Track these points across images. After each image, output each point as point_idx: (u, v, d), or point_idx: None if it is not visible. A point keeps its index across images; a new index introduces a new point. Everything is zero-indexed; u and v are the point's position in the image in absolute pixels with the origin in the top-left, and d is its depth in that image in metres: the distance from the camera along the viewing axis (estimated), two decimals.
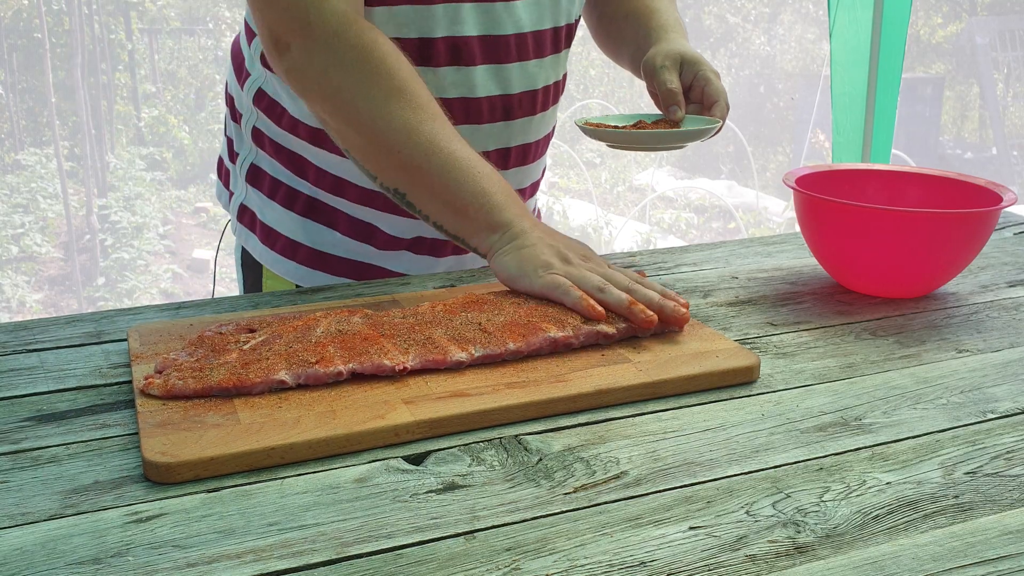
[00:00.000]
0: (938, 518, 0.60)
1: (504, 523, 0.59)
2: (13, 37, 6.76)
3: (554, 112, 1.18)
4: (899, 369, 0.82)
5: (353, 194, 1.09)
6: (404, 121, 0.90)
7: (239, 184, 1.16)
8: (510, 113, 1.08)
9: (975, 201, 1.02)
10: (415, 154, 0.90)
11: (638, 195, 6.73)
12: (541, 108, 1.12)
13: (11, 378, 0.78)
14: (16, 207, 6.13)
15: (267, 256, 1.14)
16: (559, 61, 1.13)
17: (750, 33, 8.07)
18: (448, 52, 1.02)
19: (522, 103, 1.09)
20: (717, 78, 1.11)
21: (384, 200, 1.08)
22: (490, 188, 0.90)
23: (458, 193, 0.90)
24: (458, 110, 1.04)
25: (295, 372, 0.72)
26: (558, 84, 1.16)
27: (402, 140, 0.90)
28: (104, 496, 0.61)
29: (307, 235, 1.11)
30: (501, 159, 1.11)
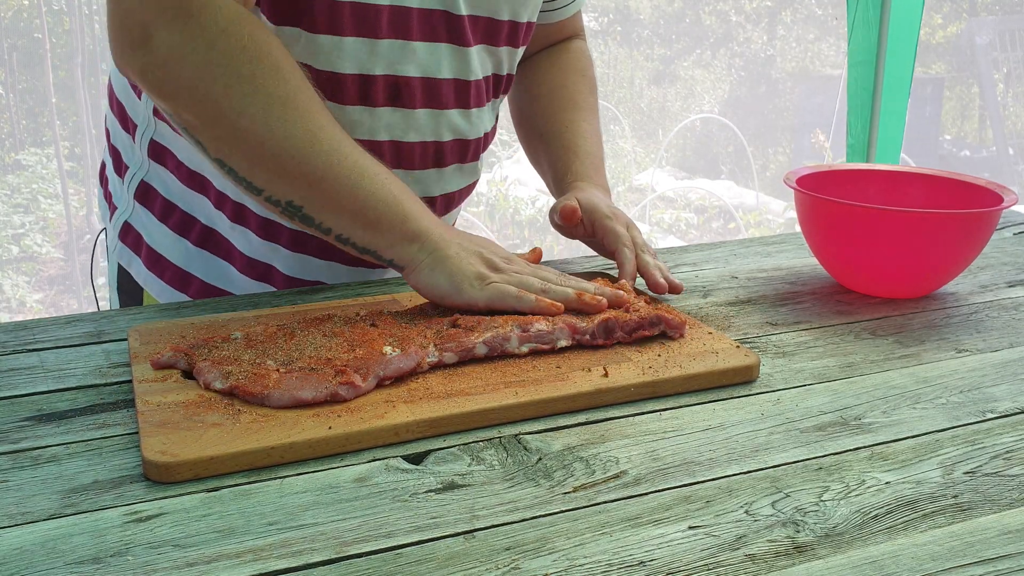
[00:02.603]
0: (937, 518, 0.60)
1: (503, 523, 0.59)
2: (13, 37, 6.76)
3: (481, 162, 1.12)
4: (899, 369, 0.82)
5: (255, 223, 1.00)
6: (303, 128, 0.81)
7: (124, 199, 1.07)
8: (441, 160, 1.03)
9: (975, 201, 1.02)
10: (316, 163, 0.82)
11: (638, 195, 6.73)
12: (472, 158, 1.08)
13: (11, 378, 0.78)
14: (16, 207, 6.13)
15: (153, 284, 1.06)
16: (493, 109, 1.09)
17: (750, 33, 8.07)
18: (387, 92, 0.96)
19: (453, 151, 1.04)
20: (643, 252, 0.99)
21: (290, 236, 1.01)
22: (401, 195, 0.85)
23: (368, 202, 0.83)
24: (389, 153, 0.99)
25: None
26: (488, 135, 1.10)
27: (301, 148, 0.81)
28: (104, 496, 0.61)
29: (201, 267, 1.04)
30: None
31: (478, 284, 0.83)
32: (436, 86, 0.98)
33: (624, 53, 7.94)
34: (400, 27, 0.93)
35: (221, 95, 0.80)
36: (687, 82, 7.98)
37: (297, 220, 0.85)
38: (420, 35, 0.95)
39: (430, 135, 1.00)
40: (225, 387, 0.71)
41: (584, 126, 1.13)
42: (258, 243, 1.02)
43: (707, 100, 8.00)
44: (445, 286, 0.83)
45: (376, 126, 0.97)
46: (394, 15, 0.92)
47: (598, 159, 1.11)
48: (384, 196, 0.84)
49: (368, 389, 0.72)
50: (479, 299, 0.82)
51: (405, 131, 0.98)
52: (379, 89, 0.95)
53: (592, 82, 1.20)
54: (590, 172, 1.08)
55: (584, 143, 1.11)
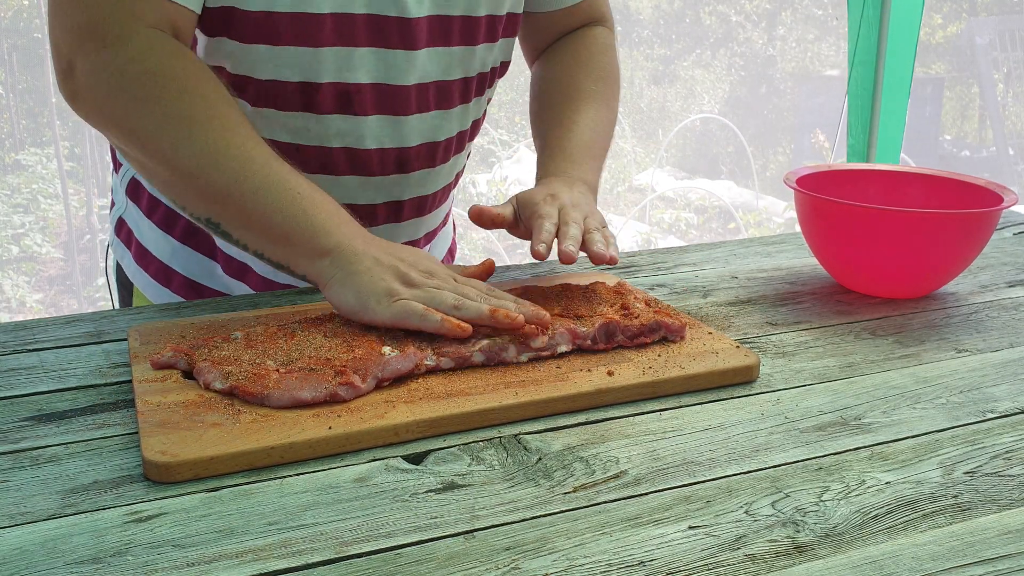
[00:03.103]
0: (937, 518, 0.60)
1: (503, 523, 0.59)
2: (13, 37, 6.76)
3: (459, 160, 1.11)
4: (899, 369, 0.82)
5: None
6: (210, 145, 0.82)
7: (120, 195, 1.10)
8: (406, 166, 1.01)
9: (975, 201, 1.02)
10: (222, 180, 0.82)
11: (638, 195, 6.73)
12: (442, 160, 1.05)
13: (11, 378, 0.78)
14: (16, 207, 6.13)
15: (140, 278, 1.07)
16: (467, 112, 1.06)
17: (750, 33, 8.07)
18: (335, 99, 0.95)
19: (420, 156, 1.02)
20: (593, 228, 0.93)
21: None
22: (312, 209, 0.82)
23: (275, 218, 0.82)
24: (342, 160, 0.98)
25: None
26: (464, 134, 1.07)
27: (206, 166, 0.82)
28: (104, 496, 0.61)
29: (183, 263, 1.05)
30: (393, 212, 1.05)
31: (386, 301, 0.78)
32: (391, 92, 0.96)
33: (624, 53, 7.93)
34: (345, 35, 0.92)
35: (133, 119, 0.83)
36: (687, 82, 7.98)
37: (218, 235, 0.85)
38: (368, 41, 0.93)
39: (389, 142, 0.99)
40: (225, 387, 0.71)
41: (576, 117, 1.06)
42: None
43: (707, 100, 8.00)
44: (352, 302, 0.79)
45: (326, 133, 0.96)
46: (337, 23, 0.91)
47: (581, 149, 1.04)
48: (293, 211, 0.82)
49: (367, 390, 0.72)
50: (384, 317, 0.78)
51: (360, 138, 0.97)
52: (326, 97, 0.94)
53: (602, 69, 1.12)
54: (564, 166, 1.01)
55: (569, 135, 1.05)
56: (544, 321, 0.79)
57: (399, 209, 1.05)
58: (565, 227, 0.89)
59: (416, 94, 0.98)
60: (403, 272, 0.80)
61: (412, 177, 1.03)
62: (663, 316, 0.83)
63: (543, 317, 0.79)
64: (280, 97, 0.94)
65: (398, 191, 1.03)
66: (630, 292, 0.88)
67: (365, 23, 0.93)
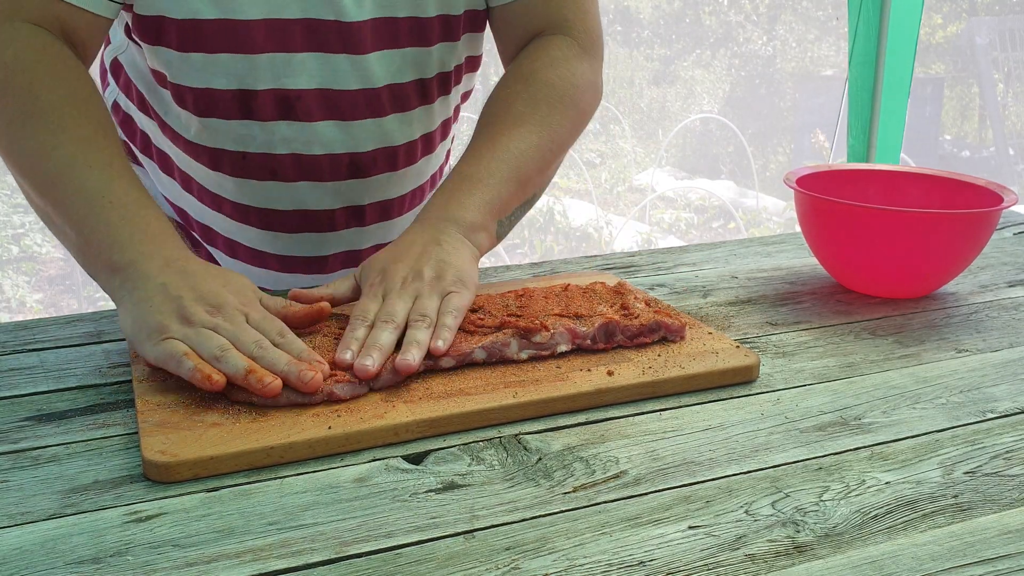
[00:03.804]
0: (937, 518, 0.60)
1: (503, 522, 0.59)
2: None
3: (431, 161, 1.08)
4: (898, 369, 0.82)
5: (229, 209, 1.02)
6: (39, 144, 0.80)
7: None
8: (362, 171, 0.99)
9: (975, 201, 1.02)
10: (41, 180, 0.80)
11: (638, 195, 6.72)
12: (406, 163, 1.02)
13: (11, 378, 0.78)
14: (16, 207, 6.12)
15: None
16: (431, 113, 1.02)
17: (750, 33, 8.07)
18: (276, 106, 0.93)
19: (377, 160, 0.99)
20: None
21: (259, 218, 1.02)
22: (117, 221, 0.77)
23: (79, 226, 0.78)
24: (291, 166, 0.97)
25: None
26: (431, 136, 1.04)
27: (32, 164, 0.80)
28: (104, 495, 0.61)
29: None
30: (354, 217, 1.03)
31: (155, 337, 0.71)
32: (338, 97, 0.95)
33: (624, 53, 7.93)
34: (280, 40, 0.91)
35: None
36: (687, 82, 7.97)
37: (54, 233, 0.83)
38: (307, 47, 0.92)
39: (340, 147, 0.97)
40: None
41: (488, 144, 0.92)
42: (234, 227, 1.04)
43: (707, 100, 8.00)
44: (129, 333, 0.73)
45: (271, 140, 0.95)
46: (271, 29, 0.90)
47: (473, 182, 0.89)
48: (95, 221, 0.77)
49: (364, 391, 0.72)
50: (150, 356, 0.71)
51: (307, 144, 0.96)
52: (265, 104, 0.93)
53: (543, 87, 0.96)
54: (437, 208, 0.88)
55: (470, 165, 0.91)
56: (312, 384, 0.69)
57: (360, 214, 1.04)
58: (373, 332, 0.75)
59: (366, 98, 0.96)
60: (184, 306, 0.72)
61: (372, 181, 1.01)
62: (663, 316, 0.83)
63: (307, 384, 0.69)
64: (219, 106, 0.93)
65: (357, 196, 1.01)
66: (630, 292, 0.88)
67: (301, 28, 0.91)
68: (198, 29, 0.89)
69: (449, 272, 0.81)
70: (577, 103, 0.99)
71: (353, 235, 1.05)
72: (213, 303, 0.74)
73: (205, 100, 0.93)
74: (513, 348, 0.78)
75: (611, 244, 5.70)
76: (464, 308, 0.79)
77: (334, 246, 1.06)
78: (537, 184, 0.95)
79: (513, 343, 0.78)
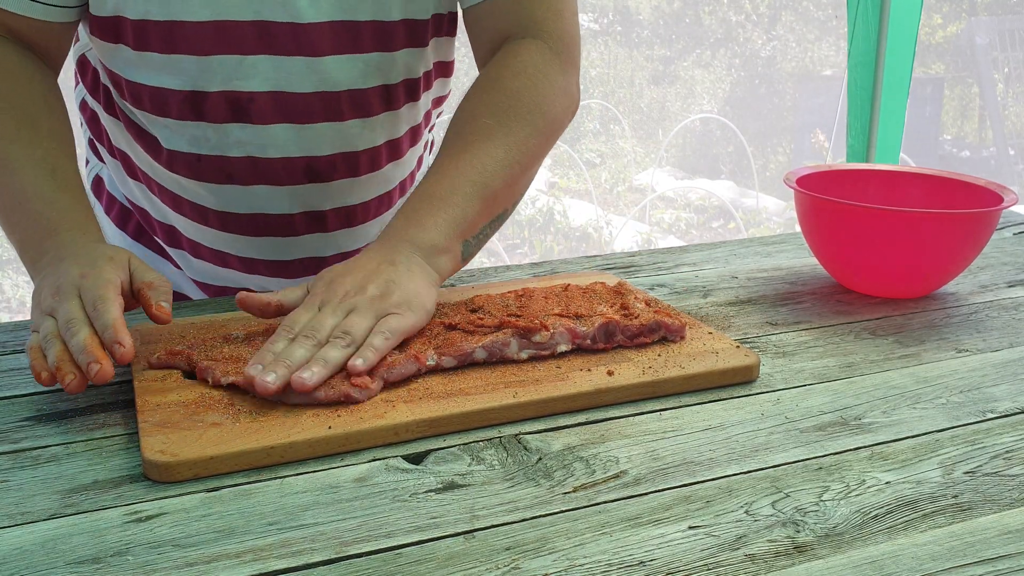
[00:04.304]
0: (937, 518, 0.60)
1: (503, 522, 0.59)
2: None
3: (399, 168, 1.05)
4: (899, 369, 0.82)
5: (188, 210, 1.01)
6: None
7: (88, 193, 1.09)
8: (320, 175, 0.97)
9: (975, 201, 1.02)
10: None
11: (638, 195, 6.72)
12: (369, 169, 1.00)
13: (11, 378, 0.78)
14: None
15: None
16: (398, 119, 1.00)
17: (750, 33, 8.07)
18: (228, 108, 0.92)
19: (337, 165, 0.97)
20: None
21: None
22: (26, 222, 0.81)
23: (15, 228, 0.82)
24: (245, 169, 0.95)
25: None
26: (398, 142, 1.02)
27: None
28: (104, 495, 0.61)
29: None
30: (315, 222, 1.01)
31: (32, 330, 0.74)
32: (291, 100, 0.93)
33: (624, 53, 7.93)
34: (231, 42, 0.90)
35: None
36: (687, 82, 7.97)
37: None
38: (259, 49, 0.90)
39: (296, 151, 0.95)
40: (239, 381, 0.71)
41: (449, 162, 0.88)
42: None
43: (707, 100, 8.00)
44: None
45: (225, 143, 0.94)
46: (221, 30, 0.89)
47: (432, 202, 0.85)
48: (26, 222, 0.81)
49: (376, 391, 0.72)
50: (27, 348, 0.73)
51: (262, 147, 0.94)
52: (216, 105, 0.92)
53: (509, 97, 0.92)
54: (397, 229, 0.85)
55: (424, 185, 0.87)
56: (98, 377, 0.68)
57: (322, 219, 1.01)
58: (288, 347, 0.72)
59: (323, 102, 0.94)
60: (44, 297, 0.74)
61: (332, 187, 0.99)
62: (663, 316, 0.83)
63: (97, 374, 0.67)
64: (173, 106, 0.93)
65: (316, 201, 0.99)
66: (630, 292, 0.88)
67: (252, 30, 0.90)
68: (151, 30, 0.89)
69: (395, 293, 0.77)
70: (546, 113, 0.93)
71: (316, 241, 1.03)
72: (58, 283, 0.74)
73: (160, 100, 0.93)
74: (513, 348, 0.78)
75: (611, 244, 5.70)
76: (401, 331, 0.75)
77: (297, 251, 1.04)
78: (506, 200, 0.90)
79: (513, 343, 0.78)
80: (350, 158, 0.98)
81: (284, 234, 1.02)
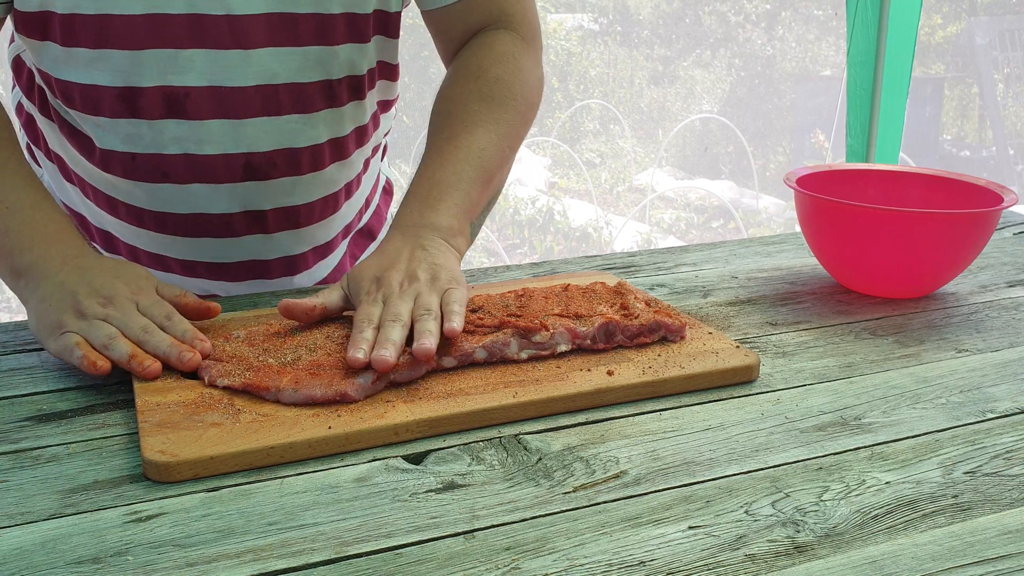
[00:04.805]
0: (937, 518, 0.60)
1: (503, 522, 0.59)
2: None
3: (344, 169, 1.03)
4: (899, 369, 0.82)
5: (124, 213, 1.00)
6: None
7: None
8: (259, 173, 0.96)
9: (975, 201, 1.02)
10: None
11: (638, 195, 6.73)
12: (312, 168, 0.99)
13: (11, 378, 0.78)
14: None
15: None
16: (341, 117, 0.99)
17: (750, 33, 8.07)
18: (163, 104, 0.90)
19: (277, 162, 0.96)
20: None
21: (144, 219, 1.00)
22: (18, 226, 0.81)
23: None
24: (182, 167, 0.94)
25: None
26: (344, 141, 1.01)
27: None
28: (104, 495, 0.61)
29: None
30: (256, 223, 0.99)
31: (55, 333, 0.76)
32: (229, 95, 0.92)
33: (624, 53, 7.93)
34: (165, 36, 0.88)
35: None
36: (687, 82, 7.97)
37: None
38: (194, 42, 0.89)
39: (233, 147, 0.94)
40: (235, 383, 0.71)
41: (448, 148, 0.93)
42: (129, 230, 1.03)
43: (707, 100, 8.00)
44: (35, 331, 0.78)
45: (161, 140, 0.92)
46: (154, 24, 0.87)
47: (442, 188, 0.90)
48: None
49: (377, 390, 0.72)
50: (52, 351, 0.76)
51: (199, 143, 0.93)
52: (152, 101, 0.91)
53: (493, 84, 0.97)
54: (414, 214, 0.89)
55: (435, 171, 0.92)
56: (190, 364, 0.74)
57: (262, 220, 1.00)
58: (383, 330, 0.75)
59: (260, 96, 0.93)
60: (79, 301, 0.77)
61: (272, 185, 0.97)
62: (663, 316, 0.83)
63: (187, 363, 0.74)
64: (105, 104, 0.91)
65: (256, 200, 0.98)
66: (630, 292, 0.88)
67: (186, 23, 0.88)
68: (80, 24, 0.87)
69: (443, 273, 0.82)
70: (527, 96, 1.00)
71: (257, 242, 1.02)
72: (105, 295, 0.78)
73: (91, 98, 0.91)
74: (513, 348, 0.78)
75: (611, 244, 5.70)
76: (465, 301, 0.80)
77: (238, 253, 1.02)
78: (499, 182, 0.96)
79: (513, 343, 0.78)
80: (290, 155, 0.97)
81: (223, 235, 1.00)
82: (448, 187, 0.90)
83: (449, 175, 0.90)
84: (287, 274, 1.06)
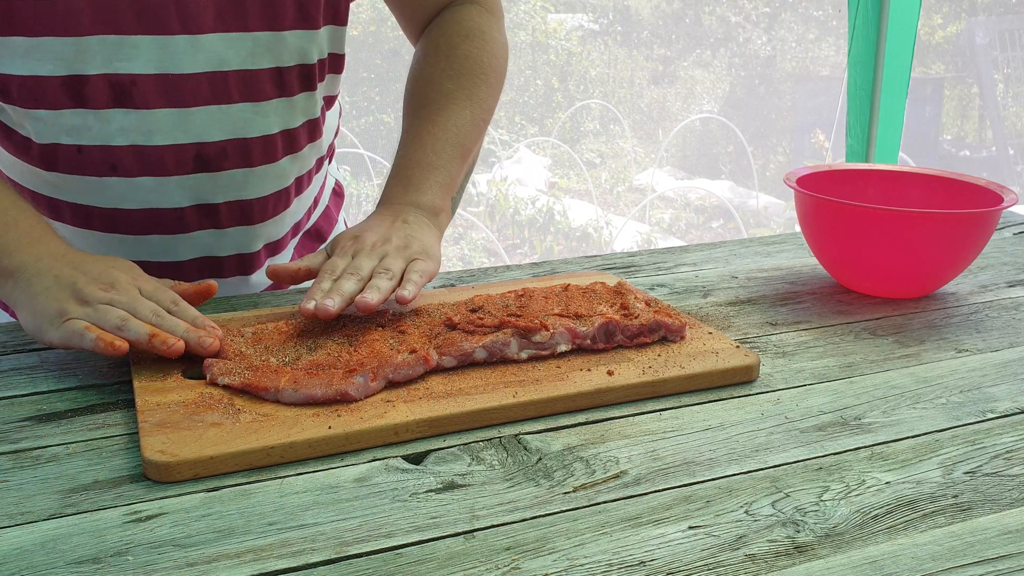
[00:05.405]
0: (937, 518, 0.60)
1: (503, 522, 0.59)
2: None
3: (298, 162, 1.02)
4: (899, 369, 0.82)
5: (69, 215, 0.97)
6: None
7: None
8: (210, 164, 0.94)
9: (975, 201, 1.02)
10: None
11: (638, 195, 6.72)
12: (264, 160, 0.97)
13: (11, 378, 0.78)
14: None
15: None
16: (293, 107, 0.97)
17: (750, 33, 8.07)
18: (110, 92, 0.88)
19: (229, 153, 0.94)
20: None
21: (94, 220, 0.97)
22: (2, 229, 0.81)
23: None
24: (131, 159, 0.91)
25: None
26: (295, 133, 0.99)
27: None
28: (104, 495, 0.61)
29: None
30: (208, 217, 0.97)
31: (56, 322, 0.75)
32: (177, 82, 0.89)
33: (624, 53, 7.93)
34: (110, 21, 0.85)
35: None
36: (687, 82, 7.97)
37: None
38: (141, 28, 0.86)
39: (183, 136, 0.91)
40: (234, 382, 0.71)
41: (426, 126, 0.97)
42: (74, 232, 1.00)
43: (707, 100, 8.00)
44: (31, 327, 0.77)
45: (108, 131, 0.90)
46: (98, 8, 0.84)
47: (423, 167, 0.95)
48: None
49: (377, 389, 0.72)
50: (55, 339, 0.75)
51: (148, 134, 0.90)
52: (97, 90, 0.88)
53: (463, 61, 1.01)
54: (398, 191, 0.94)
55: (414, 150, 0.96)
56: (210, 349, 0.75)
57: (214, 214, 0.97)
58: (338, 281, 0.80)
59: (209, 83, 0.90)
60: (79, 289, 0.77)
61: (223, 177, 0.95)
62: (663, 316, 0.83)
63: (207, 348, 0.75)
64: (48, 94, 0.87)
65: (207, 193, 0.96)
66: (630, 292, 0.88)
67: (133, 7, 0.86)
68: (17, 10, 0.83)
69: (415, 244, 0.86)
70: (496, 68, 1.04)
71: (209, 238, 0.99)
72: (106, 281, 0.78)
73: (31, 89, 0.87)
74: (513, 348, 0.78)
75: (611, 244, 5.70)
76: (429, 274, 0.83)
77: (189, 250, 0.99)
78: (475, 154, 1.00)
79: (513, 343, 0.78)
80: (242, 146, 0.95)
81: (175, 231, 0.97)
82: (429, 167, 0.95)
83: (430, 155, 0.96)
84: (240, 272, 1.04)
